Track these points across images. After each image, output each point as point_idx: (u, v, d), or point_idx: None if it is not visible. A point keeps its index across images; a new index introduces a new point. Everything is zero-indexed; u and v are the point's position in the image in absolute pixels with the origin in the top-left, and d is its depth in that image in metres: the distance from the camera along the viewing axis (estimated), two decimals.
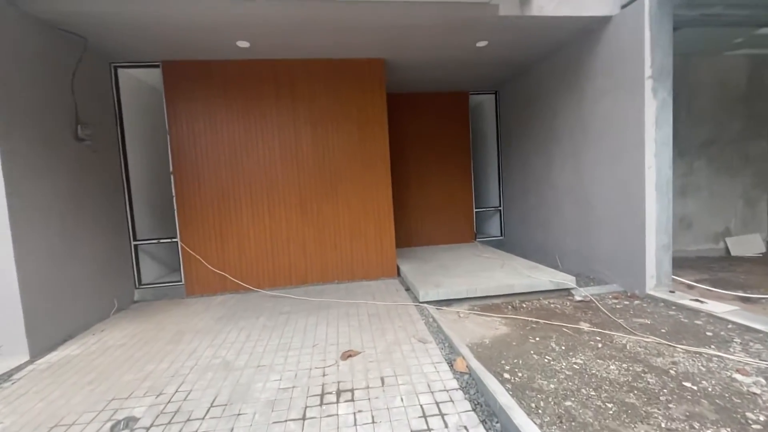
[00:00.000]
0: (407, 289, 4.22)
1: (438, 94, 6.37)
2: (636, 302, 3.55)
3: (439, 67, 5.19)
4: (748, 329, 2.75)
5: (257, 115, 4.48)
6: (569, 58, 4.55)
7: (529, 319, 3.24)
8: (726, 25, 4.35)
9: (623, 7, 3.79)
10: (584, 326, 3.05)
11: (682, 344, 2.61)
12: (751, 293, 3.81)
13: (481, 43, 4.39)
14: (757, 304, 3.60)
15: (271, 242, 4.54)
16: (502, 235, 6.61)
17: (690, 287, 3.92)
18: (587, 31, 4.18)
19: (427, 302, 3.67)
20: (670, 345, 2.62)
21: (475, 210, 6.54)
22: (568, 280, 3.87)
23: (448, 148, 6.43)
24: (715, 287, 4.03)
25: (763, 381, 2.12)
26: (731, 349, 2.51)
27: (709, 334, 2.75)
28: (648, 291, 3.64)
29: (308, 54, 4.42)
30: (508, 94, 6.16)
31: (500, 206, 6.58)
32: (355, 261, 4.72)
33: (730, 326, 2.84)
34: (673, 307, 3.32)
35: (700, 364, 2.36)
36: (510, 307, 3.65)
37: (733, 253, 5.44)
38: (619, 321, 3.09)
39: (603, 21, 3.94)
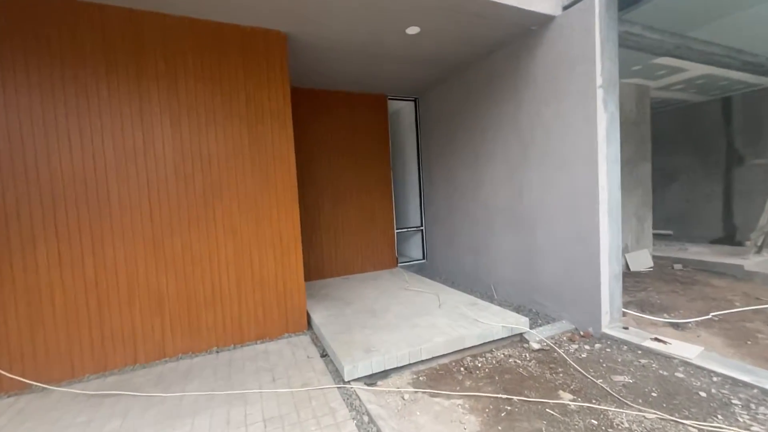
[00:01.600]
0: (324, 355, 2.94)
1: (353, 95, 5.31)
2: (597, 345, 2.98)
3: (357, 58, 4.13)
4: (736, 382, 2.31)
5: (72, 91, 2.71)
6: (505, 62, 3.97)
7: (499, 396, 2.33)
8: (637, 48, 4.31)
9: (565, 8, 3.31)
10: (567, 398, 2.27)
11: (689, 419, 2.00)
12: (674, 317, 3.67)
13: (412, 30, 3.48)
14: (687, 330, 3.41)
15: (97, 299, 2.75)
16: (424, 258, 5.84)
17: (636, 319, 3.60)
18: (526, 33, 3.63)
19: (357, 379, 2.49)
20: (678, 422, 1.98)
21: (396, 230, 5.63)
22: (521, 324, 3.14)
23: (367, 159, 5.39)
24: (644, 312, 3.81)
25: None
26: (740, 419, 1.99)
27: (703, 395, 2.22)
28: (603, 329, 3.13)
29: (168, 6, 2.88)
30: (431, 102, 5.44)
31: (422, 226, 5.81)
32: (244, 314, 3.24)
33: (716, 379, 2.38)
34: (639, 352, 2.81)
35: None
36: (463, 369, 2.72)
37: (632, 269, 5.64)
38: (599, 383, 2.41)
39: (545, 20, 3.40)
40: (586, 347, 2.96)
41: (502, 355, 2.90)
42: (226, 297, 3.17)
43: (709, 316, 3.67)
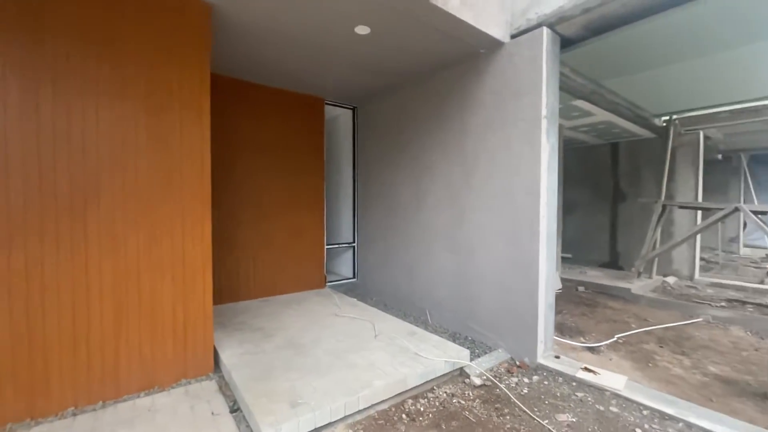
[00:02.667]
0: (235, 410, 2.29)
1: (288, 93, 4.72)
2: (535, 378, 2.89)
3: (297, 51, 3.62)
4: (663, 415, 2.36)
5: None
6: (453, 82, 3.86)
7: None
8: (564, 88, 4.62)
9: (513, 36, 3.31)
10: None
11: None
12: (588, 340, 3.87)
13: (363, 30, 3.13)
14: (601, 354, 3.60)
15: None
16: (355, 277, 5.42)
17: (559, 344, 3.68)
18: (476, 55, 3.56)
19: None
20: None
21: (326, 246, 5.11)
22: (462, 357, 2.91)
23: (298, 167, 4.81)
24: (563, 336, 3.96)
25: None
26: None
27: (639, 431, 2.21)
28: (539, 360, 3.08)
29: None
30: (372, 112, 5.14)
31: (354, 243, 5.40)
32: (123, 356, 2.40)
33: (645, 413, 2.40)
34: (574, 384, 2.79)
35: None
36: (405, 416, 2.36)
37: None
38: (546, 424, 2.26)
39: (495, 45, 3.36)
40: (525, 380, 2.85)
41: (445, 395, 2.62)
42: (95, 335, 2.32)
43: (615, 339, 3.94)
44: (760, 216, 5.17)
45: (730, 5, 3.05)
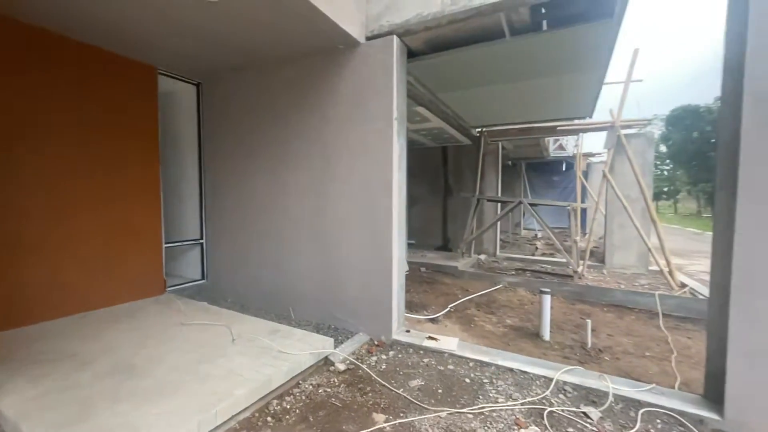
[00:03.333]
0: None
1: (105, 54, 3.67)
2: (391, 353, 3.21)
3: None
4: (482, 364, 2.99)
5: None
6: (314, 72, 3.79)
7: None
8: (408, 95, 5.20)
9: (368, 38, 3.51)
10: (380, 420, 2.25)
11: (465, 407, 2.39)
12: (430, 312, 4.58)
13: None
14: (440, 323, 4.32)
15: None
16: (204, 278, 4.74)
17: (408, 319, 4.17)
18: (335, 49, 3.59)
19: None
20: (460, 412, 2.33)
21: (164, 245, 4.28)
22: (328, 346, 2.97)
23: (120, 150, 3.82)
24: (411, 312, 4.55)
25: (537, 429, 2.16)
26: (490, 395, 2.55)
27: (467, 381, 2.74)
28: (394, 336, 3.43)
29: None
30: (223, 93, 4.52)
31: (202, 239, 4.71)
32: None
33: (471, 364, 2.99)
34: (421, 352, 3.23)
35: (491, 428, 2.16)
36: (270, 419, 2.24)
37: None
38: (402, 393, 2.55)
39: (352, 43, 3.48)
40: (383, 357, 3.13)
41: (311, 387, 2.62)
42: None
43: (448, 309, 4.77)
44: (533, 207, 7.12)
45: (526, 48, 4.03)
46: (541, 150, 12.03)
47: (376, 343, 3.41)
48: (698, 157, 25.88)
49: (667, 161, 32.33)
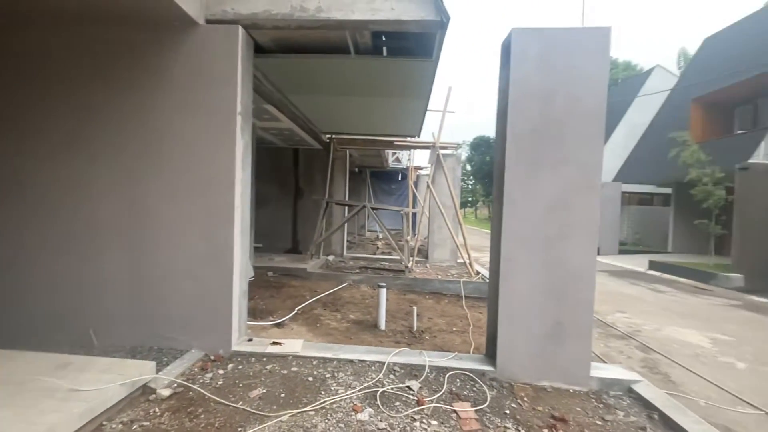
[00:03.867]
0: None
1: None
2: (230, 366, 2.94)
3: None
4: (326, 360, 3.09)
5: None
6: (139, 45, 3.11)
7: None
8: (255, 90, 4.94)
9: (209, 21, 3.16)
10: None
11: (307, 405, 2.44)
12: (276, 317, 4.46)
13: None
14: (286, 327, 4.26)
15: None
16: None
17: (252, 327, 3.93)
18: (169, 25, 3.05)
19: None
20: (302, 411, 2.37)
21: None
22: (147, 371, 2.48)
23: None
24: (255, 320, 4.32)
25: (371, 410, 2.42)
26: (332, 388, 2.69)
27: (311, 379, 2.79)
28: (234, 347, 3.16)
29: None
30: None
31: None
32: None
33: (315, 362, 3.06)
34: (264, 359, 3.09)
35: (331, 419, 2.29)
36: None
37: None
38: (240, 406, 2.38)
39: (187, 22, 3.03)
40: (221, 372, 2.85)
41: (121, 426, 2.14)
42: None
43: (296, 311, 4.75)
44: (374, 211, 7.86)
45: (370, 68, 4.42)
46: (382, 161, 13.40)
47: (212, 358, 3.07)
48: (489, 176, 34.79)
49: (470, 177, 41.63)
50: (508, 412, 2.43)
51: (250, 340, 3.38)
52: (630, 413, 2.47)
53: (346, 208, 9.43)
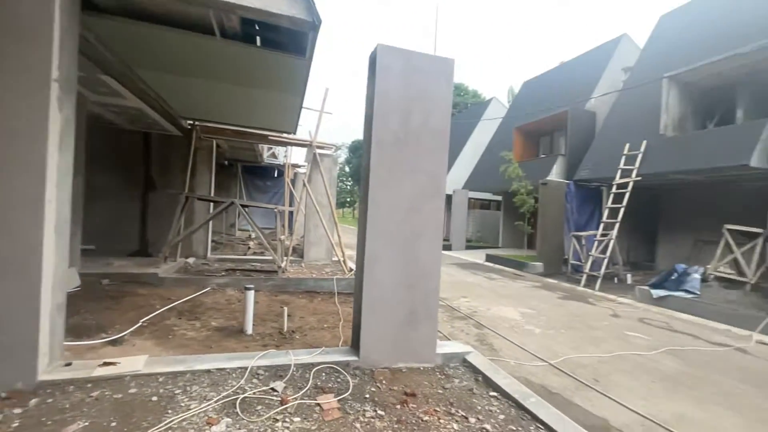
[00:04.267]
0: None
1: None
2: (33, 402, 2.27)
3: None
4: (175, 375, 2.70)
5: None
6: None
7: None
8: (85, 55, 3.97)
9: None
10: None
11: (149, 428, 2.11)
12: (112, 333, 3.69)
13: None
14: (126, 343, 3.57)
15: None
16: None
17: (73, 349, 3.14)
18: None
19: None
20: None
21: None
22: None
23: None
24: (81, 339, 3.51)
25: (228, 420, 2.26)
26: (182, 404, 2.39)
27: (155, 399, 2.40)
28: (41, 377, 2.46)
29: None
30: None
31: None
32: None
33: (161, 379, 2.64)
34: (89, 385, 2.49)
35: None
36: None
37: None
38: None
39: None
40: (17, 411, 2.17)
41: None
42: None
43: (140, 324, 4.01)
44: (246, 209, 7.29)
45: (242, 57, 4.07)
46: (257, 155, 12.53)
47: (3, 395, 2.31)
48: None
49: (349, 179, 42.95)
50: (368, 396, 2.62)
51: (69, 364, 2.69)
52: (463, 379, 3.00)
53: (212, 204, 8.46)
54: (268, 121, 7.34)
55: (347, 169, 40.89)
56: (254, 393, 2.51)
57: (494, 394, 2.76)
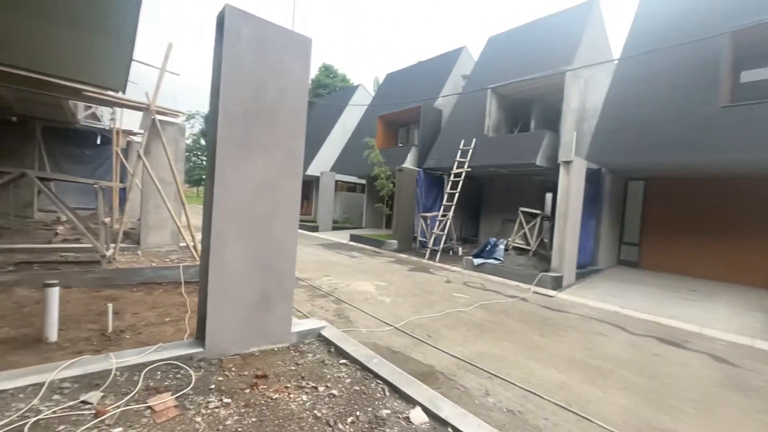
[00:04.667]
0: None
1: None
2: None
3: None
4: None
5: None
6: None
7: None
8: None
9: None
10: None
11: None
12: None
13: None
14: None
15: None
16: None
17: None
18: None
19: None
20: None
21: None
22: None
23: None
24: None
25: None
26: None
27: None
28: None
29: None
30: None
31: None
32: None
33: None
34: None
35: None
36: None
37: None
38: None
39: None
40: None
41: None
42: None
43: None
44: (47, 182, 5.53)
45: None
46: (67, 114, 9.56)
47: None
48: None
49: (204, 153, 37.47)
50: (213, 386, 2.45)
51: None
52: (316, 353, 3.13)
53: None
54: (85, 72, 5.63)
55: (203, 141, 35.36)
56: (54, 412, 2.02)
57: (344, 361, 2.99)
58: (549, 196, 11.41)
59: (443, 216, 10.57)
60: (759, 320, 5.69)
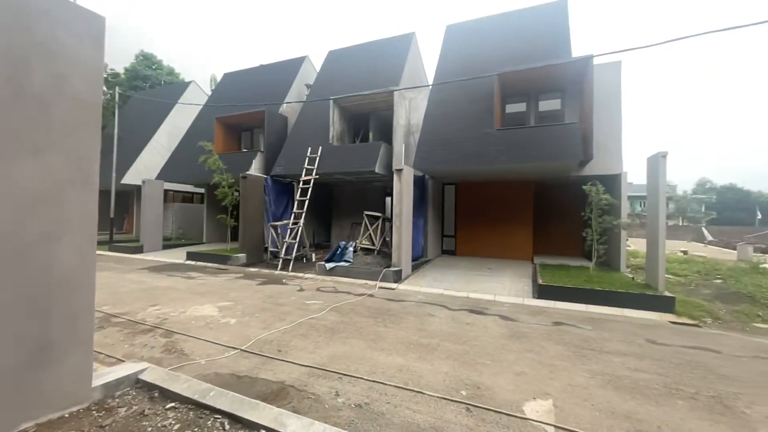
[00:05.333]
0: None
1: None
2: None
3: None
4: None
5: None
6: None
7: None
8: None
9: None
10: None
11: None
12: None
13: None
14: None
15: None
16: None
17: None
18: None
19: None
20: None
21: None
22: None
23: None
24: None
25: None
26: None
27: None
28: None
29: None
30: None
31: None
32: None
33: None
34: None
35: None
36: None
37: None
38: None
39: None
40: None
41: None
42: None
43: None
44: None
45: None
46: None
47: None
48: None
49: None
50: None
51: None
52: (132, 405, 2.52)
53: None
54: None
55: None
56: None
57: (172, 404, 2.52)
58: (388, 199, 12.79)
59: (294, 224, 10.35)
60: (526, 284, 7.96)
